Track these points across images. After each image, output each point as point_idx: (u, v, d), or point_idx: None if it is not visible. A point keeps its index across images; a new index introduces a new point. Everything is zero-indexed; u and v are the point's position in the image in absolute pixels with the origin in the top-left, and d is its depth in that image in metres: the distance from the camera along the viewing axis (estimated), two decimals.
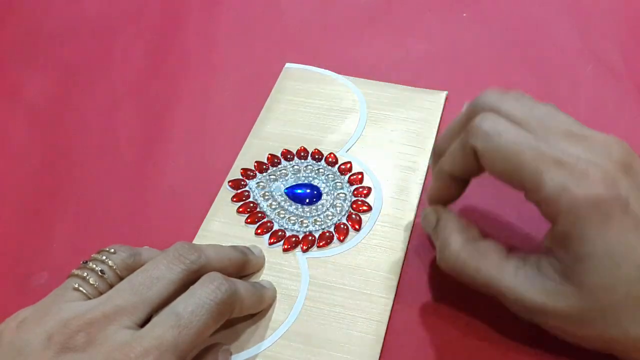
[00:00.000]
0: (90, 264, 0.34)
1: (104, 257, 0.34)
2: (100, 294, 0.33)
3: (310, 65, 0.53)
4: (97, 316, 0.31)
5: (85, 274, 0.33)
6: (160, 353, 0.30)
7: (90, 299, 0.32)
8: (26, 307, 0.33)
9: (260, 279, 0.40)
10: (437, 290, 0.39)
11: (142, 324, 0.31)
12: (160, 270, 0.33)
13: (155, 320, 0.31)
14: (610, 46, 0.36)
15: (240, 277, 0.39)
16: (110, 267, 0.34)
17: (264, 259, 0.41)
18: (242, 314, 0.36)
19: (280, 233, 0.42)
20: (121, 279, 0.33)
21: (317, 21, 0.58)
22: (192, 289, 0.33)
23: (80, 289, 0.33)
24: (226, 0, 0.60)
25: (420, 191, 0.44)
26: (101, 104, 0.52)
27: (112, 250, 0.35)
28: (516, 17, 0.39)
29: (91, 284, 0.33)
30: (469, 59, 0.41)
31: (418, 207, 0.43)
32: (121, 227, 0.38)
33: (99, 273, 0.34)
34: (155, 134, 0.50)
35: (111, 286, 0.33)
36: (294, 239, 0.42)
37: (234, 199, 0.44)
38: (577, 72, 0.52)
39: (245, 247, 0.40)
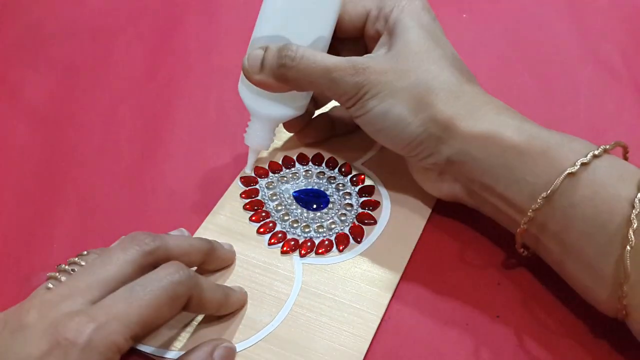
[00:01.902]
0: (64, 266, 0.35)
1: (77, 259, 0.35)
2: None
3: None
4: (51, 297, 0.31)
5: (57, 275, 0.34)
6: (108, 320, 0.30)
7: None
8: None
9: (253, 278, 0.40)
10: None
11: None
12: (115, 252, 0.34)
13: (109, 295, 0.32)
14: (610, 46, 0.36)
15: (209, 271, 0.40)
16: (82, 266, 0.34)
17: (234, 254, 0.41)
18: (205, 309, 0.36)
19: (280, 235, 0.42)
20: None
21: None
22: (151, 272, 0.33)
23: (51, 287, 0.34)
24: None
25: (429, 213, 0.43)
26: (101, 104, 0.52)
27: (86, 252, 0.36)
28: (516, 17, 0.39)
29: (61, 282, 0.34)
30: (469, 60, 0.41)
31: (424, 228, 0.42)
32: (121, 227, 0.38)
33: (71, 272, 0.34)
34: (155, 133, 0.50)
35: None
36: (293, 242, 0.42)
37: (243, 195, 0.44)
38: (577, 72, 0.51)
39: (213, 240, 0.40)
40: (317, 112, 0.47)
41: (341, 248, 0.41)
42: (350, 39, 0.43)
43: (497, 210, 0.38)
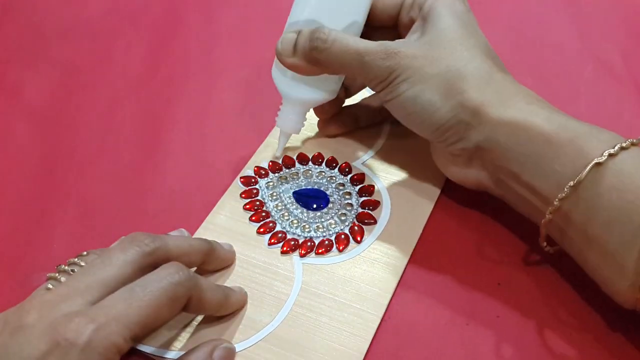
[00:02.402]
0: (63, 266, 0.35)
1: (77, 259, 0.35)
2: None
3: None
4: (51, 297, 0.31)
5: (57, 275, 0.34)
6: (107, 321, 0.30)
7: None
8: None
9: (253, 278, 0.40)
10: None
11: None
12: (114, 252, 0.34)
13: (108, 296, 0.32)
14: (610, 46, 0.37)
15: (208, 272, 0.39)
16: (82, 266, 0.34)
17: (234, 254, 0.41)
18: (205, 310, 0.36)
19: (280, 235, 0.42)
20: None
21: None
22: (151, 272, 0.33)
23: (50, 287, 0.34)
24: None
25: (429, 213, 0.43)
26: (101, 104, 0.52)
27: (86, 253, 0.36)
28: (516, 17, 0.40)
29: (61, 282, 0.34)
30: None
31: (424, 228, 0.42)
32: (121, 227, 0.38)
33: (70, 272, 0.34)
34: (155, 133, 0.50)
35: None
36: (293, 242, 0.42)
37: (243, 195, 0.44)
38: (577, 72, 0.51)
39: (213, 240, 0.40)
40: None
41: (341, 248, 0.41)
42: (383, 27, 0.43)
43: (522, 199, 0.38)
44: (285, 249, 0.41)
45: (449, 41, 0.39)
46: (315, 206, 0.43)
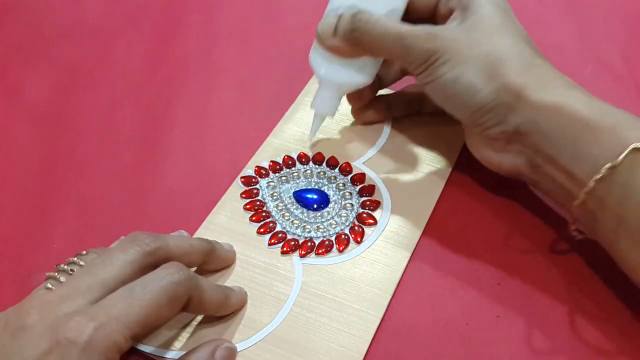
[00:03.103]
0: (63, 266, 0.35)
1: (76, 259, 0.35)
2: None
3: None
4: (51, 297, 0.31)
5: (57, 275, 0.34)
6: (108, 320, 0.30)
7: None
8: None
9: (253, 278, 0.40)
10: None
11: None
12: (115, 252, 0.34)
13: (109, 295, 0.32)
14: (610, 46, 0.37)
15: (209, 272, 0.40)
16: (81, 266, 0.34)
17: (235, 254, 0.41)
18: (205, 310, 0.36)
19: (281, 235, 0.42)
20: None
21: None
22: (151, 272, 0.33)
23: (50, 287, 0.33)
24: None
25: (430, 214, 0.43)
26: (101, 104, 0.52)
27: (85, 252, 0.36)
28: (516, 17, 0.39)
29: (61, 282, 0.34)
30: None
31: (425, 229, 0.42)
32: (121, 227, 0.38)
33: (70, 272, 0.34)
34: (155, 133, 0.50)
35: None
36: (293, 242, 0.42)
37: (243, 195, 0.44)
38: (577, 72, 0.51)
39: (213, 240, 0.40)
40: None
41: (341, 248, 0.41)
42: (421, 18, 0.43)
43: (557, 184, 0.38)
44: (285, 249, 0.41)
45: (490, 27, 0.39)
46: (315, 206, 0.43)
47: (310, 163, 0.46)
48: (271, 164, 0.46)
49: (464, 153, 0.46)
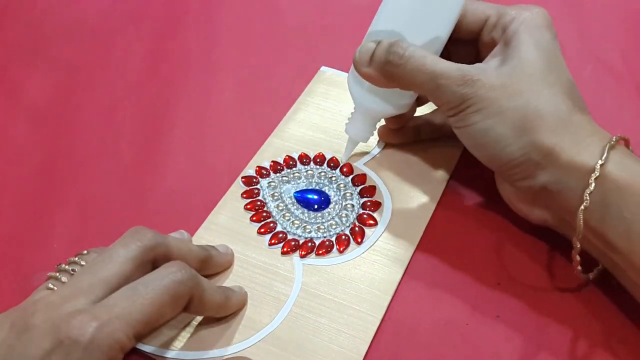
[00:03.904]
0: (64, 265, 0.35)
1: (77, 259, 0.35)
2: None
3: (347, 71, 0.52)
4: (55, 298, 0.31)
5: (58, 275, 0.34)
6: (110, 319, 0.30)
7: None
8: None
9: (253, 279, 0.40)
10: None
11: None
12: (115, 250, 0.34)
13: (112, 294, 0.32)
14: (610, 46, 0.37)
15: (207, 276, 0.39)
16: (82, 265, 0.34)
17: (232, 256, 0.41)
18: (205, 310, 0.36)
19: (281, 235, 0.42)
20: None
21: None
22: (153, 271, 0.33)
23: (52, 287, 0.34)
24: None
25: (430, 215, 0.43)
26: (101, 104, 0.52)
27: (86, 252, 0.36)
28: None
29: (62, 282, 0.34)
30: None
31: (425, 230, 0.42)
32: (121, 227, 0.38)
33: (71, 272, 0.34)
34: (155, 133, 0.50)
35: None
36: (294, 243, 0.42)
37: (244, 195, 0.44)
38: (577, 72, 0.51)
39: (209, 245, 0.40)
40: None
41: (341, 249, 0.41)
42: (463, 40, 0.42)
43: (588, 241, 0.36)
44: (285, 249, 0.41)
45: (530, 75, 0.37)
46: (316, 207, 0.43)
47: (312, 163, 0.46)
48: (272, 164, 0.46)
49: (465, 154, 0.46)
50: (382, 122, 0.46)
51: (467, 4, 0.41)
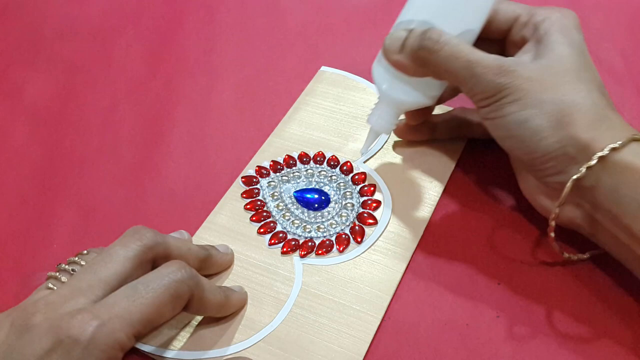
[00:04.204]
0: (64, 265, 0.35)
1: (77, 258, 0.35)
2: None
3: (347, 70, 0.53)
4: (54, 298, 0.31)
5: (58, 275, 0.34)
6: (110, 318, 0.30)
7: None
8: None
9: (253, 279, 0.40)
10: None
11: None
12: (115, 249, 0.34)
13: (112, 294, 0.32)
14: (610, 46, 0.36)
15: (207, 276, 0.39)
16: (82, 265, 0.34)
17: (232, 256, 0.41)
18: (205, 310, 0.36)
19: (281, 235, 0.42)
20: None
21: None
22: (153, 270, 0.33)
23: (51, 286, 0.34)
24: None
25: (430, 214, 0.43)
26: (101, 104, 0.52)
27: (86, 252, 0.36)
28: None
29: (62, 282, 0.34)
30: None
31: (426, 229, 0.42)
32: (121, 227, 0.38)
33: (71, 272, 0.35)
34: (155, 133, 0.50)
35: None
36: (294, 242, 0.41)
37: (244, 195, 0.44)
38: None
39: (209, 245, 0.40)
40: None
41: (341, 249, 0.41)
42: (489, 39, 0.41)
43: (617, 242, 0.36)
44: (285, 249, 0.41)
45: (566, 70, 0.37)
46: (316, 206, 0.43)
47: (311, 162, 0.46)
48: (272, 163, 0.46)
49: (466, 152, 0.46)
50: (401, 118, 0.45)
51: (498, 3, 0.41)
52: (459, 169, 0.45)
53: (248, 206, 0.44)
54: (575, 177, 0.35)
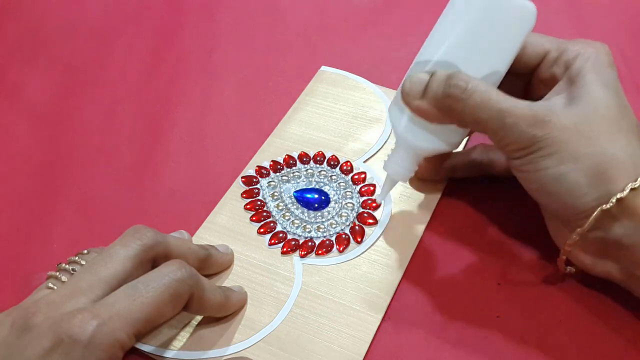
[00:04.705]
0: (64, 265, 0.35)
1: (77, 258, 0.35)
2: None
3: (347, 70, 0.53)
4: (55, 298, 0.31)
5: (58, 274, 0.34)
6: (111, 317, 0.30)
7: None
8: None
9: (253, 279, 0.40)
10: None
11: None
12: (115, 249, 0.34)
13: (112, 293, 0.32)
14: (610, 46, 0.36)
15: (207, 276, 0.39)
16: (82, 265, 0.34)
17: (232, 256, 0.41)
18: (205, 310, 0.36)
19: (281, 235, 0.42)
20: None
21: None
22: (153, 270, 0.33)
23: (52, 286, 0.34)
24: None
25: (431, 213, 0.43)
26: (101, 104, 0.52)
27: (86, 251, 0.36)
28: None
29: (63, 282, 0.34)
30: None
31: (426, 229, 0.42)
32: (121, 227, 0.38)
33: (71, 271, 0.35)
34: (155, 133, 0.50)
35: None
36: (294, 242, 0.41)
37: (244, 195, 0.44)
38: None
39: (209, 245, 0.40)
40: None
41: (341, 249, 0.41)
42: (515, 73, 0.38)
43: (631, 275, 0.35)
44: (285, 249, 0.41)
45: (603, 117, 0.34)
46: (316, 205, 0.43)
47: (311, 162, 0.46)
48: (272, 163, 0.46)
49: None
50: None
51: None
52: None
53: (248, 206, 0.44)
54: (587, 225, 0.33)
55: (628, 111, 0.35)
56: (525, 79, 0.39)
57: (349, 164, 0.46)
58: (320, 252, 0.41)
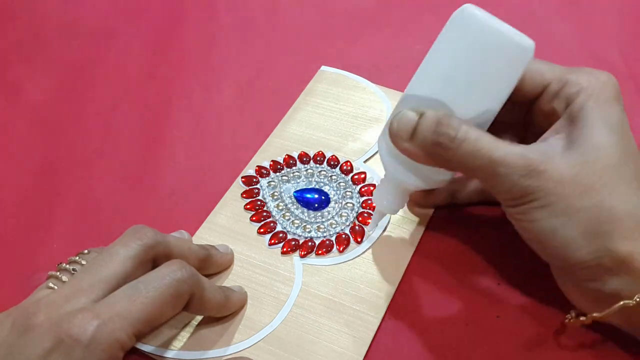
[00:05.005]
0: (64, 265, 0.35)
1: (78, 258, 0.35)
2: None
3: (347, 70, 0.53)
4: (55, 298, 0.32)
5: (59, 274, 0.34)
6: (111, 317, 0.30)
7: None
8: None
9: (253, 279, 0.40)
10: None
11: None
12: (116, 249, 0.34)
13: (112, 293, 0.32)
14: (610, 46, 0.35)
15: (207, 275, 0.39)
16: (83, 265, 0.34)
17: (232, 256, 0.41)
18: (205, 309, 0.36)
19: (281, 235, 0.42)
20: None
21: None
22: (153, 270, 0.33)
23: (52, 286, 0.34)
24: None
25: (431, 213, 0.43)
26: (101, 104, 0.52)
27: (87, 251, 0.36)
28: (516, 17, 0.37)
29: (63, 281, 0.34)
30: None
31: (425, 229, 0.42)
32: (121, 227, 0.38)
33: (72, 271, 0.35)
34: (155, 133, 0.50)
35: None
36: (294, 242, 0.41)
37: (244, 195, 0.44)
38: None
39: (209, 245, 0.40)
40: None
41: (341, 249, 0.41)
42: (512, 102, 0.35)
43: None
44: (285, 249, 0.41)
45: (604, 167, 0.32)
46: (316, 205, 0.43)
47: (311, 162, 0.46)
48: (272, 163, 0.46)
49: None
50: None
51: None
52: None
53: (248, 206, 0.44)
54: (622, 303, 0.32)
55: (632, 154, 0.33)
56: (526, 107, 0.37)
57: (349, 164, 0.46)
58: (320, 252, 0.41)
